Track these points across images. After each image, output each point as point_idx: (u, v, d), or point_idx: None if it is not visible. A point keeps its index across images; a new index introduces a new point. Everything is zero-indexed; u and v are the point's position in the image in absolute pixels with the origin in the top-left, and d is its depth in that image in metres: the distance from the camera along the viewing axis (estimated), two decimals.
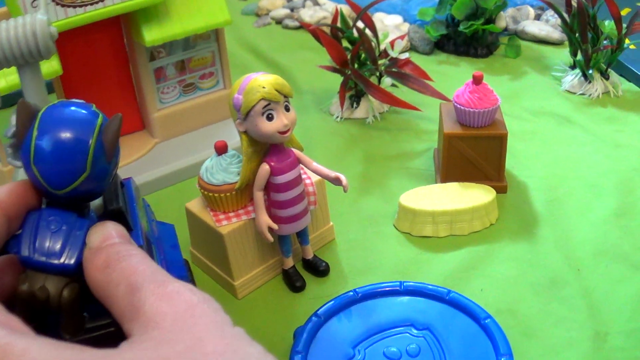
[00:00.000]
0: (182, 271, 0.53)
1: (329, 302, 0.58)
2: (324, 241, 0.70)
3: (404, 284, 0.60)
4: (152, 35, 0.77)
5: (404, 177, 0.81)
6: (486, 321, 0.57)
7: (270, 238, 0.61)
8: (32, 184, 0.34)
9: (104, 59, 0.82)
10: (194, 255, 0.68)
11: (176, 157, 0.84)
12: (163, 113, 0.85)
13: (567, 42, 1.12)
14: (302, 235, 0.65)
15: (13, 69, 0.57)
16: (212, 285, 0.66)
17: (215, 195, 0.61)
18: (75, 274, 0.33)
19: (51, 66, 0.73)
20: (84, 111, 0.34)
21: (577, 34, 0.98)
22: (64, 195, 0.34)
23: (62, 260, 0.33)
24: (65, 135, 0.33)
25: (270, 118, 0.56)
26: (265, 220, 0.61)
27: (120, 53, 0.83)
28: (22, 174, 0.36)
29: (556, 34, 1.13)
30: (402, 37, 0.91)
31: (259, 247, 0.64)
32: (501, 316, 0.60)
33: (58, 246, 0.33)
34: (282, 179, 0.60)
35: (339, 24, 0.91)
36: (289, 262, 0.65)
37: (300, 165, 0.62)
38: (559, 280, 0.65)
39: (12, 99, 0.78)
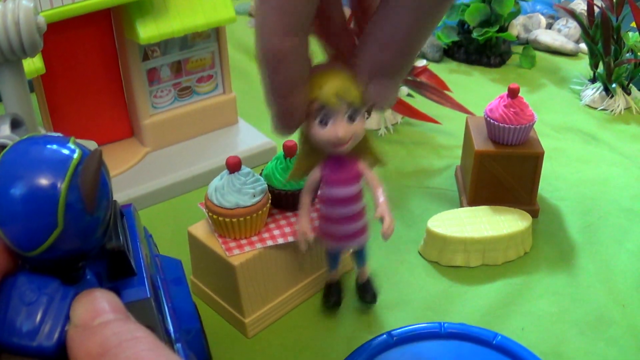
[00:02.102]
0: (194, 322, 0.44)
1: (360, 348, 0.50)
2: (342, 270, 0.62)
3: (445, 325, 0.52)
4: (147, 31, 0.68)
5: (425, 198, 0.73)
6: None
7: (303, 248, 0.52)
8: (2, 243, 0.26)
9: (91, 58, 0.72)
10: (196, 285, 0.59)
11: (169, 169, 0.75)
12: (155, 119, 0.76)
13: (581, 54, 1.07)
14: (357, 255, 0.56)
15: None
16: (217, 321, 0.58)
17: (227, 220, 0.52)
18: (60, 358, 0.26)
19: (32, 63, 0.63)
20: (53, 147, 0.26)
21: (598, 45, 0.92)
22: (38, 257, 0.26)
23: (38, 341, 0.25)
24: (27, 180, 0.25)
25: (324, 123, 0.45)
26: (303, 226, 0.51)
27: (109, 51, 0.73)
28: None
29: (570, 45, 1.07)
30: None
31: (275, 278, 0.56)
32: (546, 359, 0.54)
33: (33, 323, 0.26)
34: (333, 192, 0.50)
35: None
36: (332, 276, 0.57)
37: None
38: (605, 317, 0.59)
39: None
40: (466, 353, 0.51)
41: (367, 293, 0.58)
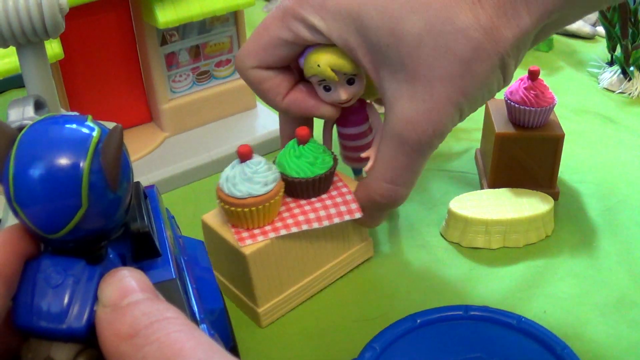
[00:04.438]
0: (217, 302, 0.44)
1: (383, 331, 0.50)
2: (361, 259, 0.61)
3: (468, 309, 0.52)
4: (166, 16, 0.68)
5: (445, 181, 0.73)
6: (563, 352, 0.50)
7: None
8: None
9: (110, 42, 0.72)
10: None
11: (188, 153, 0.75)
12: (174, 104, 0.76)
13: (598, 37, 1.06)
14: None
15: (11, 49, 0.48)
16: (232, 310, 0.57)
17: (238, 209, 0.51)
18: (90, 339, 0.25)
19: (51, 48, 0.63)
20: (72, 125, 0.25)
21: (615, 28, 0.91)
22: (61, 239, 0.25)
23: (67, 323, 0.25)
24: (47, 161, 0.24)
25: (327, 89, 0.51)
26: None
27: (127, 36, 0.73)
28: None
29: (587, 28, 1.06)
30: None
31: (288, 268, 0.55)
32: (569, 342, 0.53)
33: (61, 305, 0.25)
34: (345, 131, 0.59)
35: None
36: (360, 179, 0.65)
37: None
38: (626, 299, 0.58)
39: (7, 83, 0.68)
40: (489, 336, 0.51)
41: None
